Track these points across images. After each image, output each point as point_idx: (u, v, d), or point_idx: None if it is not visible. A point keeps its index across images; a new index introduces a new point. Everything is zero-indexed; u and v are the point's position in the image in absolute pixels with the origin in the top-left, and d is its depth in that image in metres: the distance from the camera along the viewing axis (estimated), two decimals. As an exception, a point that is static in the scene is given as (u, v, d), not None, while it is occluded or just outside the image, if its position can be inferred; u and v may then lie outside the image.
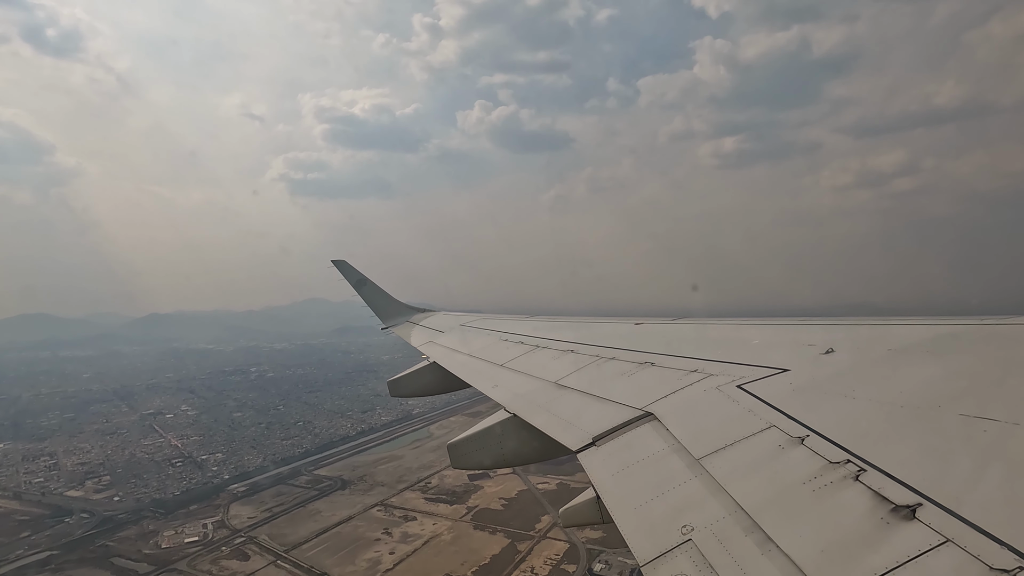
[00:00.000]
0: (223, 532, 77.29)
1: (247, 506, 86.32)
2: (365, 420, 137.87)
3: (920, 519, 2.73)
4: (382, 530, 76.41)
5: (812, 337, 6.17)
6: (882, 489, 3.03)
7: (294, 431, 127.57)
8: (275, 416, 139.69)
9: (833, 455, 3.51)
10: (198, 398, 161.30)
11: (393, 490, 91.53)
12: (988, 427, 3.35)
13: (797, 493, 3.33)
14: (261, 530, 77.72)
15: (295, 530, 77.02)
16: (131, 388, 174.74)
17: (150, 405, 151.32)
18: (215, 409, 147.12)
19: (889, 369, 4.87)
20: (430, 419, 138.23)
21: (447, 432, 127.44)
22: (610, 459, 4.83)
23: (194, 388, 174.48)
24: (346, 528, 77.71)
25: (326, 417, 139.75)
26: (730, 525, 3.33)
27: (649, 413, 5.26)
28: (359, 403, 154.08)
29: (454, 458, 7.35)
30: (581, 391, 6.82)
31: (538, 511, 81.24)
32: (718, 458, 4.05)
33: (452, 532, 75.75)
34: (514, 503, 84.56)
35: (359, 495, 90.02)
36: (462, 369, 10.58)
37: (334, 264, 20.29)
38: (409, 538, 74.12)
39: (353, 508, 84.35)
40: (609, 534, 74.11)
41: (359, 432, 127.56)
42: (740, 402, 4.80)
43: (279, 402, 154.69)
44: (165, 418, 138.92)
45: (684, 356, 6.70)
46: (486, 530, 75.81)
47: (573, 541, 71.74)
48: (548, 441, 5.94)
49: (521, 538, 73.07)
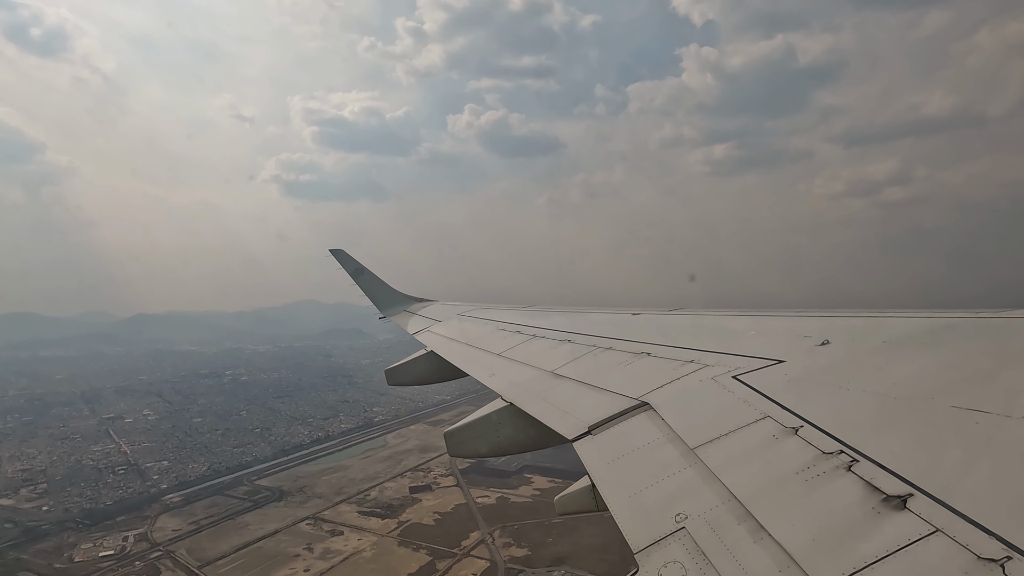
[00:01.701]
0: (143, 546, 75.17)
1: (176, 518, 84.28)
2: (325, 427, 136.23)
3: (911, 509, 2.77)
4: (304, 546, 74.62)
5: (808, 328, 6.20)
6: (874, 479, 3.07)
7: (249, 438, 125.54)
8: (235, 422, 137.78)
9: (826, 445, 3.56)
10: (164, 402, 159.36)
11: (329, 502, 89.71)
12: (980, 419, 3.41)
13: (790, 483, 3.36)
14: (183, 544, 75.77)
15: (216, 544, 75.11)
16: (100, 391, 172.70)
17: (112, 409, 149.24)
18: (177, 414, 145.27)
19: (883, 361, 4.91)
20: (389, 427, 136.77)
21: (403, 441, 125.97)
22: (605, 448, 4.84)
23: (163, 392, 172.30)
24: (269, 543, 75.83)
25: (285, 424, 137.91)
26: (723, 513, 3.36)
27: (645, 403, 5.28)
28: (324, 409, 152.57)
29: (450, 446, 7.30)
30: (577, 380, 6.83)
31: (469, 527, 79.64)
32: (712, 448, 4.09)
33: (375, 548, 74.00)
34: (447, 518, 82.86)
35: (293, 508, 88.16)
36: (459, 358, 10.56)
37: (332, 253, 19.84)
38: (329, 555, 72.28)
39: (283, 521, 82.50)
40: (534, 553, 72.23)
41: (313, 440, 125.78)
42: (735, 392, 4.82)
43: (243, 407, 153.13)
44: (124, 423, 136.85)
45: (680, 347, 6.72)
46: (410, 546, 74.13)
47: (495, 559, 69.97)
48: (544, 430, 5.97)
49: (443, 555, 71.35)
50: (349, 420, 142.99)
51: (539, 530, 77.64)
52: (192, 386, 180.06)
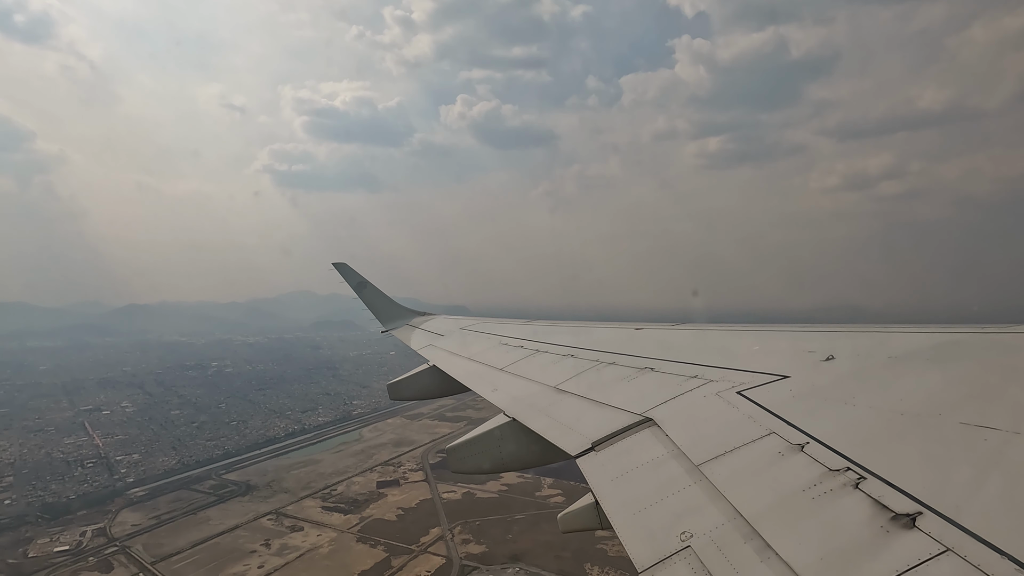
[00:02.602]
0: (100, 540, 74.70)
1: (137, 512, 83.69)
2: (302, 420, 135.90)
3: (920, 528, 2.72)
4: (262, 541, 74.20)
5: (812, 344, 6.12)
6: (882, 497, 3.02)
7: (224, 431, 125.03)
8: (212, 415, 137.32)
9: (833, 462, 3.49)
10: (144, 394, 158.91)
11: (294, 497, 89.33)
12: (989, 435, 3.36)
13: (797, 500, 3.31)
14: (141, 539, 75.35)
15: (174, 540, 74.62)
16: (82, 382, 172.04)
17: (92, 401, 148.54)
18: (156, 406, 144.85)
19: (889, 376, 4.86)
20: (367, 421, 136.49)
21: (378, 435, 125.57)
22: (609, 464, 4.76)
23: (145, 383, 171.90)
24: (227, 539, 75.38)
25: (263, 417, 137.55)
26: (729, 532, 3.30)
27: (649, 419, 5.22)
28: (304, 402, 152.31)
29: (452, 462, 7.14)
30: (581, 396, 6.74)
31: (431, 523, 79.42)
32: (718, 464, 4.02)
33: (333, 545, 73.66)
34: (410, 513, 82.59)
35: (257, 502, 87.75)
36: (462, 373, 10.46)
37: (335, 267, 19.86)
38: (286, 551, 71.92)
39: (244, 516, 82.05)
40: (492, 550, 71.84)
41: (288, 434, 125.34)
42: (740, 408, 4.77)
43: (223, 400, 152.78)
44: (101, 415, 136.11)
45: (684, 362, 6.65)
46: (368, 543, 73.87)
47: (451, 556, 69.55)
48: (547, 446, 5.87)
49: (400, 552, 71.09)
50: (328, 413, 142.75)
51: (500, 526, 77.40)
52: (176, 378, 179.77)
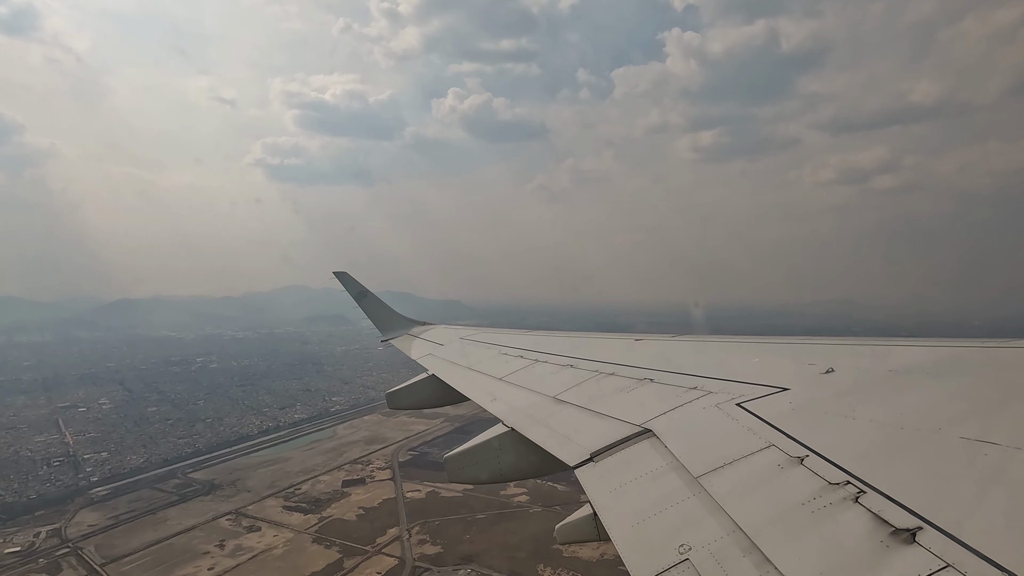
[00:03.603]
0: (54, 541, 73.84)
1: (96, 512, 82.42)
2: (279, 417, 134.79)
3: (920, 543, 2.72)
4: (217, 542, 73.16)
5: (812, 356, 6.12)
6: (882, 512, 3.02)
7: (198, 428, 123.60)
8: (189, 412, 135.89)
9: (833, 476, 3.48)
10: (124, 390, 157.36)
11: (256, 496, 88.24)
12: (989, 451, 3.35)
13: (796, 514, 3.30)
14: (95, 540, 74.46)
15: (128, 541, 73.55)
16: (63, 378, 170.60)
17: (70, 397, 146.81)
18: (133, 403, 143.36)
19: (890, 390, 4.87)
20: (344, 418, 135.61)
21: (352, 432, 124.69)
22: (608, 476, 4.71)
23: (126, 379, 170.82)
24: (182, 539, 74.33)
25: (239, 413, 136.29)
26: (728, 545, 3.29)
27: (648, 430, 5.18)
28: (283, 398, 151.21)
29: (450, 471, 7.08)
30: (580, 406, 6.75)
31: (390, 522, 78.54)
32: (716, 477, 3.99)
33: (288, 546, 72.70)
34: (371, 513, 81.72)
35: (219, 501, 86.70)
36: (461, 382, 10.42)
37: (336, 276, 19.70)
38: (239, 552, 70.90)
39: (203, 516, 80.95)
40: (447, 551, 70.95)
41: (262, 431, 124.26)
42: (739, 420, 4.75)
43: (203, 396, 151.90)
44: (77, 412, 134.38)
45: (683, 373, 6.66)
46: (324, 543, 72.92)
47: (404, 558, 68.70)
48: (545, 456, 5.81)
49: (354, 553, 70.22)
50: (305, 410, 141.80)
51: (460, 526, 76.57)
52: (159, 374, 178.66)
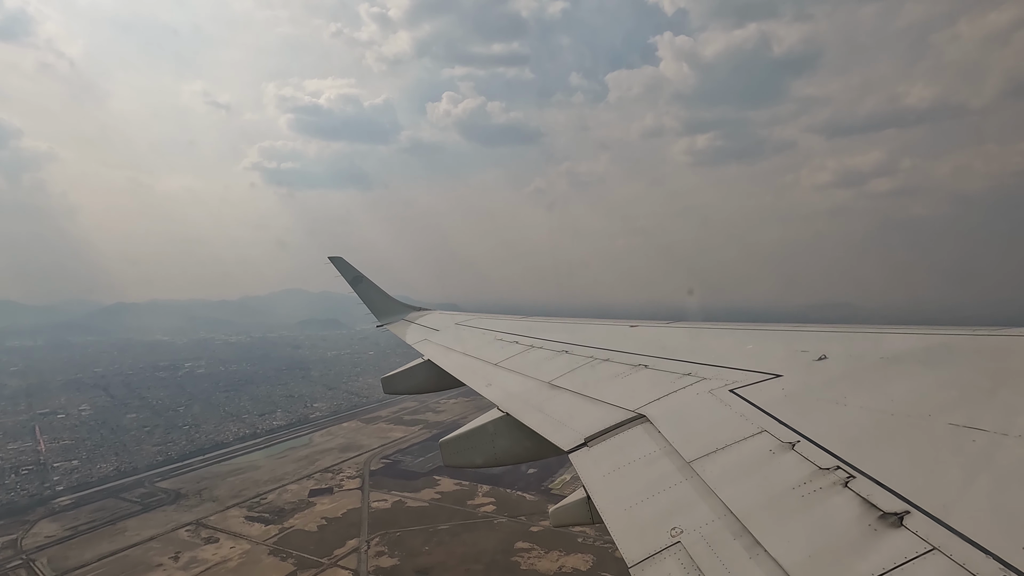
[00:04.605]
0: (8, 553, 72.87)
1: (56, 522, 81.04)
2: (257, 424, 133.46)
3: (907, 527, 2.77)
4: (172, 554, 72.13)
5: (805, 343, 6.17)
6: (871, 496, 3.07)
7: (174, 435, 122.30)
8: (168, 418, 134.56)
9: (823, 461, 3.53)
10: (107, 396, 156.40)
11: (221, 506, 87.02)
12: (977, 437, 3.40)
13: (786, 498, 3.34)
14: (50, 551, 73.48)
15: (82, 553, 72.30)
16: (49, 383, 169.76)
17: (51, 403, 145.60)
18: (114, 409, 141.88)
19: (881, 377, 4.94)
20: (322, 424, 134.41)
21: (329, 440, 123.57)
22: (601, 460, 4.76)
23: (111, 385, 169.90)
24: (137, 551, 73.13)
25: (218, 420, 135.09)
26: (719, 529, 3.33)
27: (641, 415, 5.23)
28: (264, 404, 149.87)
29: (446, 455, 7.17)
30: (574, 392, 6.79)
31: (351, 534, 77.28)
32: (709, 462, 4.04)
33: (244, 558, 71.51)
34: (333, 524, 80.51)
35: (182, 511, 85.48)
36: (456, 367, 10.49)
37: (331, 260, 19.63)
38: (194, 564, 69.76)
39: (163, 527, 79.91)
40: (403, 563, 69.69)
41: (238, 438, 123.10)
42: (732, 406, 4.80)
43: (184, 402, 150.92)
44: (55, 419, 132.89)
45: (678, 359, 6.71)
46: (280, 555, 71.78)
47: (359, 571, 67.50)
48: (540, 441, 5.87)
49: (310, 565, 69.16)
50: (285, 416, 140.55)
51: (421, 537, 75.38)
52: (144, 379, 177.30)
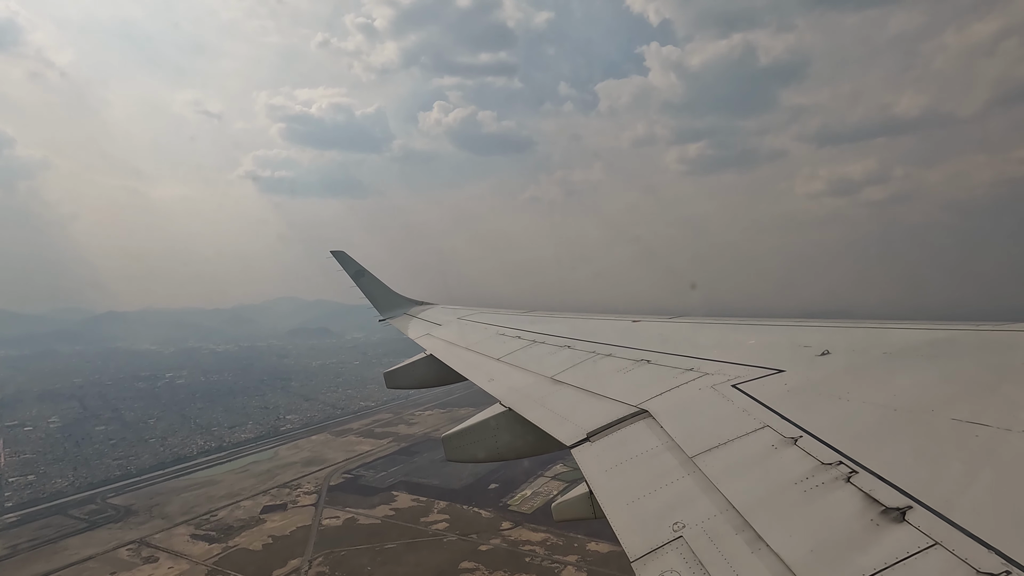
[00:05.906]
0: (-59, 573, 71.78)
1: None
2: (225, 437, 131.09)
3: (910, 521, 2.77)
4: (107, 575, 70.48)
5: (808, 338, 6.19)
6: (873, 491, 3.07)
7: (138, 449, 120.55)
8: (136, 431, 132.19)
9: (825, 456, 3.53)
10: (80, 407, 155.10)
11: (169, 523, 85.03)
12: (980, 432, 3.40)
13: (789, 493, 3.34)
14: (-16, 571, 72.07)
15: (17, 573, 71.13)
16: (24, 394, 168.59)
17: (19, 416, 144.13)
18: (83, 421, 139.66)
19: (883, 372, 4.96)
20: (291, 437, 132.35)
21: (294, 453, 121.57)
22: (604, 455, 4.77)
23: (85, 396, 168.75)
24: (72, 571, 71.50)
25: (187, 433, 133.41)
26: (721, 523, 3.34)
27: (644, 410, 5.25)
28: (236, 416, 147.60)
29: (448, 451, 7.16)
30: (577, 387, 6.78)
31: (295, 553, 75.20)
32: (711, 456, 4.05)
33: (179, 580, 69.61)
34: (279, 543, 78.49)
35: (127, 529, 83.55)
36: (458, 362, 10.49)
37: (333, 255, 19.45)
38: (127, 586, 68.08)
39: (104, 546, 78.04)
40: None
41: (203, 451, 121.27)
42: (735, 401, 4.83)
43: (157, 414, 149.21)
44: (22, 431, 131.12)
45: (680, 354, 6.72)
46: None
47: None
48: (542, 436, 5.87)
49: (245, 587, 66.81)
50: (255, 429, 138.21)
51: (366, 556, 73.40)
52: (122, 390, 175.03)
